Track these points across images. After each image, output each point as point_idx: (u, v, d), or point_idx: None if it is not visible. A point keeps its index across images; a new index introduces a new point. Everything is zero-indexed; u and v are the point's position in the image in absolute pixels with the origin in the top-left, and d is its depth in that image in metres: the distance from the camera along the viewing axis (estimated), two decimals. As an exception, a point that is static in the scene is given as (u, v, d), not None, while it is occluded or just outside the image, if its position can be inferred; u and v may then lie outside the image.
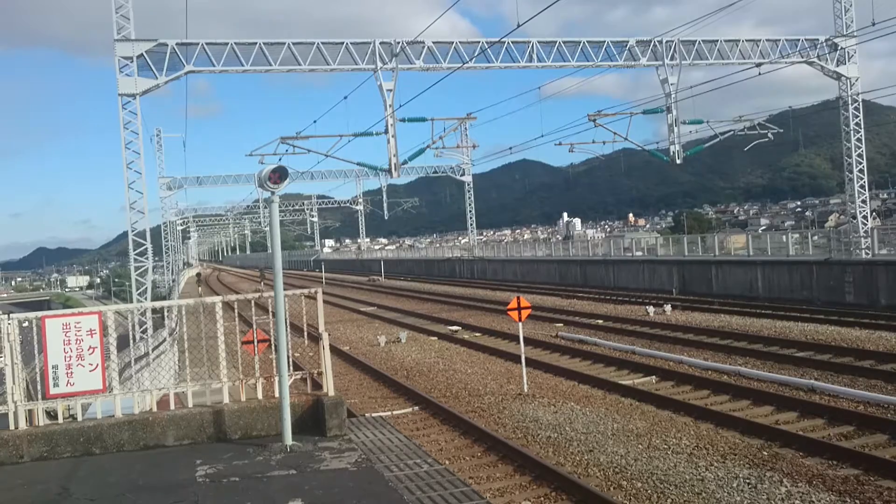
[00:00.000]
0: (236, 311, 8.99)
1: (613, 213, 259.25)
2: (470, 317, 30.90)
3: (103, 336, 8.11)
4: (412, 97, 27.38)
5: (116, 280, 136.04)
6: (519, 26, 20.43)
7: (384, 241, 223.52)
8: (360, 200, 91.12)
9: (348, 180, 78.38)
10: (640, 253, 44.71)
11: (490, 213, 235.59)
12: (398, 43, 27.71)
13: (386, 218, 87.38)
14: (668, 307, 28.04)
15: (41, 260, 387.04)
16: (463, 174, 66.16)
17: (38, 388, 8.02)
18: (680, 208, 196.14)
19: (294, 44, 26.92)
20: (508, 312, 16.79)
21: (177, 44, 25.57)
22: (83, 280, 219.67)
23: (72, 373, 7.94)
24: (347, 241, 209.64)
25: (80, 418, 8.16)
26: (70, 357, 7.94)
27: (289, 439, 7.82)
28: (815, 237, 35.20)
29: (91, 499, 6.58)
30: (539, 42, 29.16)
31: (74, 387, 7.96)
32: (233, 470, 7.17)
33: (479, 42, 29.21)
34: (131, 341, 13.73)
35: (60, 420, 8.14)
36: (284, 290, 8.20)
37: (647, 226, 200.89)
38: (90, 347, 7.99)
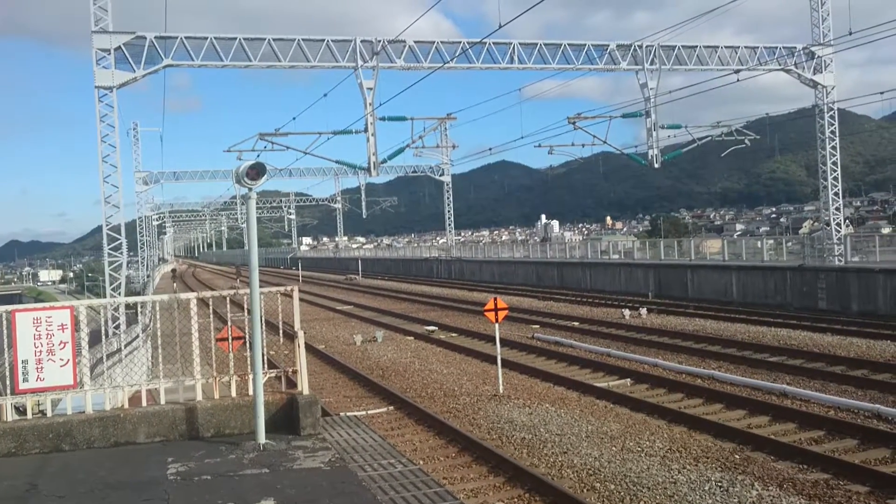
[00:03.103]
0: (211, 307, 8.91)
1: (591, 215, 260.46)
2: (447, 317, 30.89)
3: (75, 331, 8.00)
4: (392, 96, 27.27)
5: (90, 275, 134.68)
6: (501, 27, 20.46)
7: (362, 239, 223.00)
8: (339, 199, 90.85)
9: (327, 178, 78.14)
10: (616, 256, 44.95)
11: (468, 213, 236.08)
12: (379, 41, 27.63)
13: (364, 217, 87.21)
14: (643, 310, 28.20)
15: (13, 253, 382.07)
16: (442, 174, 66.15)
17: (7, 382, 7.89)
18: (657, 212, 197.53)
19: (274, 39, 26.76)
20: (485, 313, 16.79)
21: (155, 37, 25.31)
22: (56, 274, 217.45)
23: (42, 368, 7.82)
24: (325, 239, 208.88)
25: (49, 414, 8.03)
26: (40, 352, 7.82)
27: (262, 438, 7.76)
28: (790, 243, 35.59)
29: (59, 496, 6.48)
30: (520, 44, 29.21)
31: (44, 382, 7.84)
32: (205, 468, 7.10)
33: (460, 42, 29.21)
34: (104, 337, 13.59)
35: (29, 416, 8.01)
36: (260, 287, 8.13)
37: (625, 229, 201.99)
38: (61, 342, 7.88)
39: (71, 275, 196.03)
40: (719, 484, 9.62)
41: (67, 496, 6.46)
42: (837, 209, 32.31)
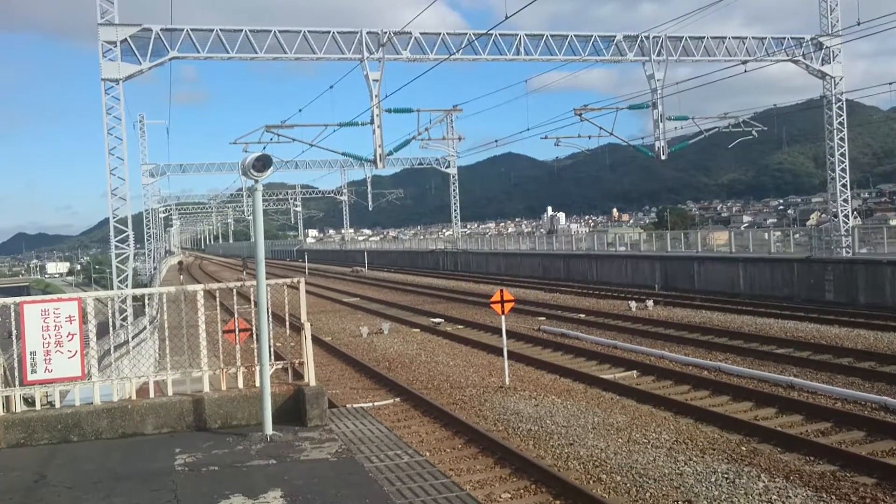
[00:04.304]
0: (218, 299, 8.94)
1: (597, 207, 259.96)
2: (453, 309, 30.90)
3: (83, 323, 8.03)
4: (398, 88, 27.27)
5: (97, 267, 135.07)
6: (507, 18, 20.38)
7: (368, 231, 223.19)
8: (345, 191, 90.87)
9: (333, 170, 78.18)
10: (623, 248, 44.89)
11: (475, 205, 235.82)
12: (385, 33, 27.59)
13: (370, 209, 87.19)
14: (650, 302, 28.15)
15: (21, 245, 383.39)
16: (448, 166, 66.11)
17: (16, 374, 7.93)
18: (664, 204, 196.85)
19: (280, 32, 26.75)
20: (491, 305, 16.78)
21: (161, 29, 25.33)
22: (63, 266, 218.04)
23: (50, 359, 7.86)
24: (331, 231, 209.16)
25: (57, 405, 8.08)
26: (49, 343, 7.86)
27: (269, 429, 7.79)
28: (797, 235, 35.52)
29: (68, 486, 6.52)
30: (526, 35, 29.13)
31: (53, 373, 7.89)
32: (212, 459, 7.12)
33: (466, 34, 29.14)
34: (111, 328, 13.60)
35: (38, 407, 8.06)
36: (267, 279, 8.15)
37: (631, 221, 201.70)
38: (69, 334, 7.92)
39: (78, 267, 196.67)
40: (725, 475, 9.62)
41: (76, 487, 6.50)
42: (845, 201, 32.18)
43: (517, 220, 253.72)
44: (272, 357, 8.33)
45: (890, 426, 11.49)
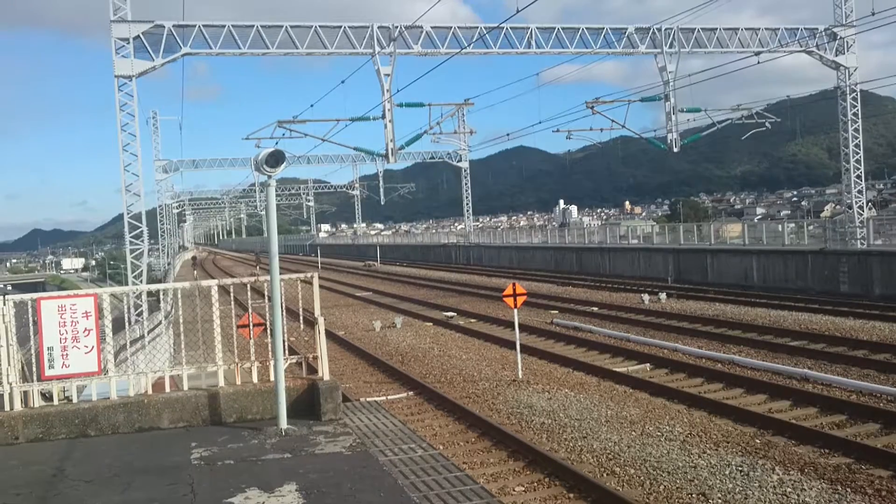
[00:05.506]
0: (232, 294, 8.98)
1: (610, 200, 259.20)
2: (465, 303, 30.93)
3: (99, 318, 8.09)
4: (410, 82, 27.24)
5: (112, 263, 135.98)
6: (518, 11, 20.30)
7: (380, 226, 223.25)
8: (357, 185, 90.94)
9: (345, 165, 78.21)
10: (635, 241, 44.76)
11: (486, 199, 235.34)
12: (396, 27, 27.57)
13: (382, 203, 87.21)
14: (663, 295, 28.09)
15: (36, 241, 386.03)
16: (460, 160, 66.00)
17: (34, 369, 8.00)
18: (676, 196, 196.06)
19: (292, 27, 26.78)
20: (504, 299, 16.81)
21: (173, 25, 25.40)
22: (78, 262, 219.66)
23: (67, 355, 7.92)
24: (343, 225, 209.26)
25: (75, 400, 8.14)
26: (65, 339, 7.92)
27: (284, 423, 7.83)
28: (811, 227, 35.27)
29: (86, 480, 6.59)
30: (538, 28, 29.05)
31: (70, 369, 7.95)
32: (228, 453, 7.18)
33: (477, 27, 29.09)
34: (127, 324, 13.73)
35: (56, 402, 8.13)
36: (280, 274, 8.18)
37: (644, 214, 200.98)
38: (85, 329, 7.98)
39: (93, 263, 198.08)
40: (740, 468, 9.61)
41: (94, 480, 6.56)
42: (860, 192, 31.96)
43: (529, 213, 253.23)
44: (286, 351, 8.38)
45: (905, 418, 11.44)
